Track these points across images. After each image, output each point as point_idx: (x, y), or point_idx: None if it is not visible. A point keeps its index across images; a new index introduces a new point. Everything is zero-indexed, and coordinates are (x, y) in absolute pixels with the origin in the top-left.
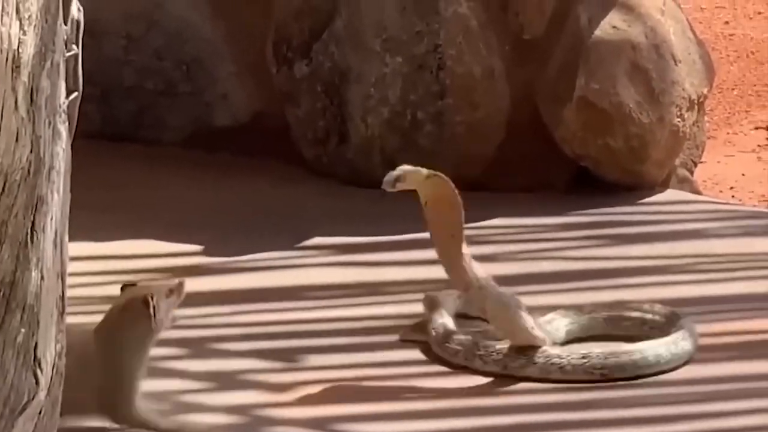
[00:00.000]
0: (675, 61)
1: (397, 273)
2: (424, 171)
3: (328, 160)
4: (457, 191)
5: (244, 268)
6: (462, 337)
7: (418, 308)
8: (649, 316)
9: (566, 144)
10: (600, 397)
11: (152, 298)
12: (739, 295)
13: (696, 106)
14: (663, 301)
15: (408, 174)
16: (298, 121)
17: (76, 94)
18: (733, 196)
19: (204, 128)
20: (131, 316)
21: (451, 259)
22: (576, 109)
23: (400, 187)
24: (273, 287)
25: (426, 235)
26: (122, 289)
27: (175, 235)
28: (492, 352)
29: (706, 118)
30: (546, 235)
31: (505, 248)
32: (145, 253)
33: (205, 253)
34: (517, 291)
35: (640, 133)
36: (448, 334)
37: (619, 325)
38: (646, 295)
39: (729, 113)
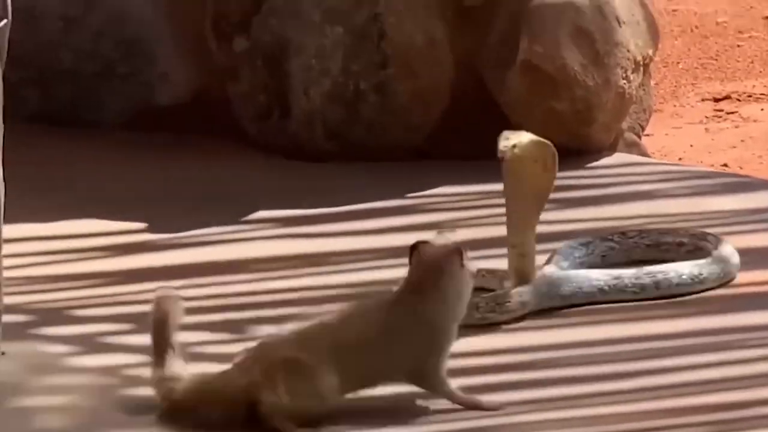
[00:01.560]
0: (619, 23)
1: (342, 244)
2: (531, 136)
3: (271, 134)
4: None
5: (190, 244)
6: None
7: (363, 277)
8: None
9: (511, 109)
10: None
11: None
12: None
13: (641, 68)
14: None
15: (520, 140)
16: (239, 97)
17: (5, 21)
18: None
19: (145, 109)
20: (451, 269)
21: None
22: (520, 73)
23: (515, 154)
24: (219, 261)
25: (368, 205)
26: (414, 248)
27: (118, 213)
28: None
29: (653, 83)
30: (493, 201)
31: (451, 215)
32: (88, 232)
33: (149, 230)
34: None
35: (585, 96)
36: None
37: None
38: None
39: (675, 86)
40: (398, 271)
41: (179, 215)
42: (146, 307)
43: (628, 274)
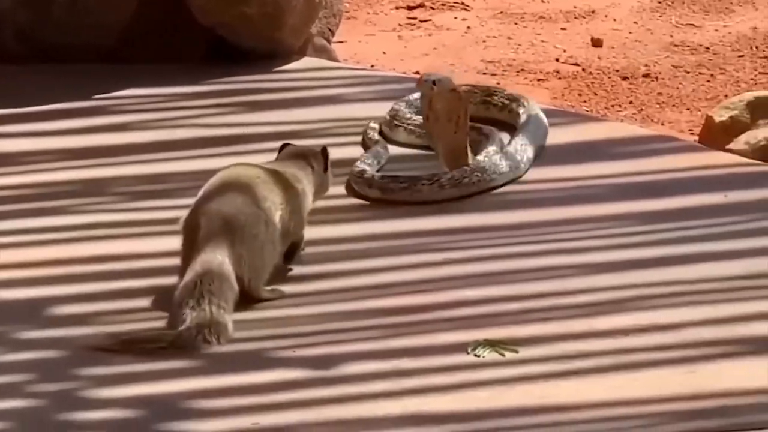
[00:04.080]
0: None
1: (26, 144)
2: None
3: None
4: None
5: None
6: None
7: (48, 177)
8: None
9: (201, 12)
10: None
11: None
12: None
13: None
14: None
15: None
16: None
17: None
18: None
19: None
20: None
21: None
22: None
23: (434, 91)
24: None
25: (54, 106)
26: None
27: None
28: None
29: None
30: (181, 103)
31: (139, 117)
32: None
33: None
34: (152, 158)
35: (275, 0)
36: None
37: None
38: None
39: None
40: (78, 172)
41: None
42: None
43: None
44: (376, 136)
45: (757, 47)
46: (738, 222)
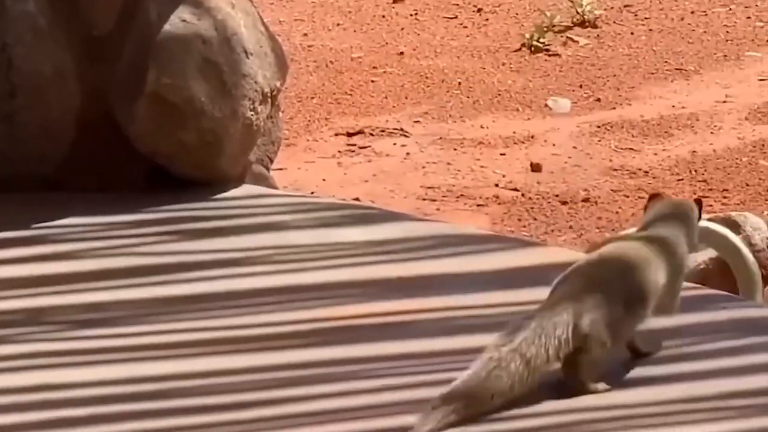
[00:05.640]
0: (246, 54)
1: None
2: None
3: None
4: None
5: None
6: None
7: None
8: None
9: (139, 141)
10: None
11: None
12: (318, 284)
13: (269, 100)
14: (239, 294)
15: None
16: None
17: None
18: None
19: None
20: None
21: None
22: (147, 104)
23: None
24: None
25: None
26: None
27: None
28: None
29: (286, 117)
30: (120, 232)
31: (79, 246)
32: None
33: None
34: (92, 287)
35: (213, 128)
36: None
37: None
38: (224, 287)
39: (309, 120)
40: (18, 302)
41: None
42: None
43: None
44: None
45: (695, 171)
46: (679, 345)
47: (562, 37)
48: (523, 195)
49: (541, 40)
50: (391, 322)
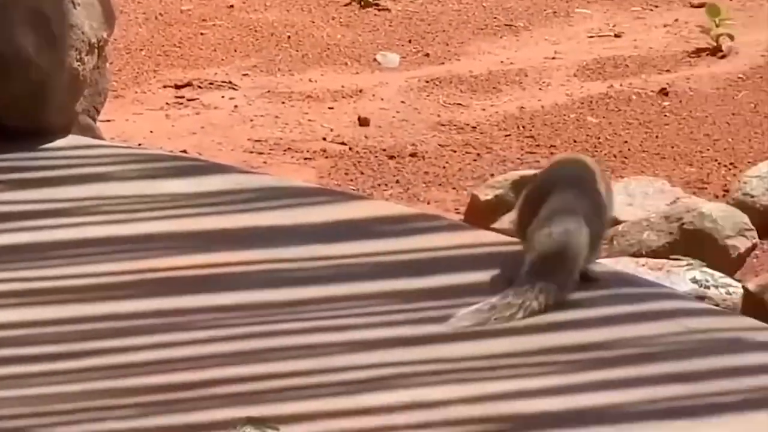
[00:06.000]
0: (74, 5)
1: None
2: None
3: None
4: None
5: None
6: None
7: None
8: None
9: None
10: None
11: None
12: (142, 235)
13: (96, 50)
14: (63, 244)
15: None
16: None
17: None
18: None
19: None
20: None
21: None
22: None
23: None
24: None
25: None
26: None
27: None
28: None
29: (114, 68)
30: None
31: None
32: None
33: None
34: None
35: (39, 78)
36: None
37: None
38: (49, 237)
39: (137, 72)
40: None
41: None
42: None
43: None
44: None
45: (523, 126)
46: None
47: None
48: (350, 149)
49: None
50: (215, 274)
